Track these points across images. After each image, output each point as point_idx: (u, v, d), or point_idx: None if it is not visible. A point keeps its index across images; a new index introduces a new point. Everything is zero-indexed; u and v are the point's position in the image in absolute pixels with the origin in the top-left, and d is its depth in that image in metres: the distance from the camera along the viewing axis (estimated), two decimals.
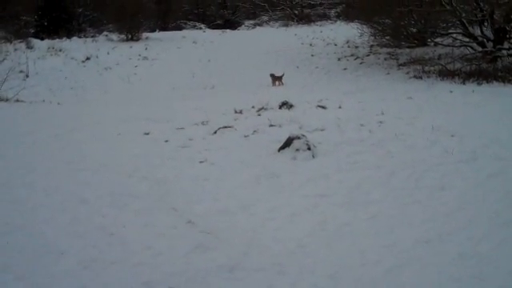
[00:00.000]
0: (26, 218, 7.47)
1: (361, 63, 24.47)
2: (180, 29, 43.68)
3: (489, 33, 20.73)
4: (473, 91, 15.43)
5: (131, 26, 34.49)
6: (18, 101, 18.64)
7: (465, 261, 6.21)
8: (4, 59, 23.99)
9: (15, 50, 29.40)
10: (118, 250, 6.58)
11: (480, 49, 20.87)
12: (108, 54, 29.59)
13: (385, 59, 24.36)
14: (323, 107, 13.76)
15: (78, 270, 6.08)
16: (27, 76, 24.54)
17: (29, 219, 7.42)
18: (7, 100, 18.51)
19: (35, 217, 7.50)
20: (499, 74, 17.99)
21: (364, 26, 26.47)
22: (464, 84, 16.98)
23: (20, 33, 36.89)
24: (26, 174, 9.31)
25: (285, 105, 13.96)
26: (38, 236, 6.92)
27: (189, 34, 37.27)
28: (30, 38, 33.44)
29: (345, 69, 23.77)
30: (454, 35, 22.36)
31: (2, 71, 20.33)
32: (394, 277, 5.99)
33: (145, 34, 35.65)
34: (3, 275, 5.93)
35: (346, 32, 30.55)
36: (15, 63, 24.25)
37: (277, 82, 21.21)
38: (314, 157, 10.04)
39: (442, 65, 19.89)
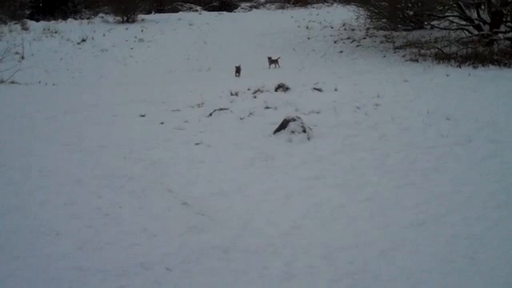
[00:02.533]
0: (23, 199, 7.48)
1: (357, 46, 24.43)
2: (176, 11, 43.46)
3: (485, 16, 20.71)
4: (469, 74, 15.44)
5: (127, 8, 34.32)
6: (13, 82, 18.60)
7: (458, 242, 6.26)
8: None
9: (10, 31, 29.29)
10: (113, 231, 6.61)
11: (476, 32, 20.86)
12: (104, 35, 29.49)
13: (381, 42, 24.32)
14: (319, 90, 13.75)
15: (74, 251, 6.11)
16: (23, 57, 24.47)
17: (25, 201, 7.43)
18: (3, 81, 18.47)
19: (31, 198, 7.52)
20: (495, 57, 17.98)
21: (360, 9, 26.43)
22: (460, 67, 16.98)
23: (15, 14, 36.69)
24: (22, 156, 9.30)
25: (281, 87, 13.95)
26: (33, 217, 6.94)
27: (185, 16, 37.10)
28: (25, 20, 33.28)
29: (341, 52, 23.73)
30: (451, 18, 22.33)
31: None
32: (388, 258, 6.04)
33: (141, 16, 35.49)
34: None
35: (342, 15, 30.44)
36: (11, 45, 24.18)
37: (273, 65, 21.20)
38: (309, 139, 10.07)
39: (438, 48, 19.87)
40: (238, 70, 19.63)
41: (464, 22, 21.52)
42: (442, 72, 16.17)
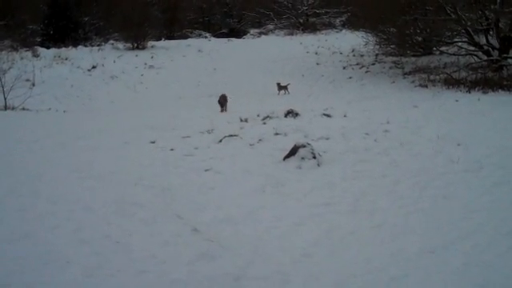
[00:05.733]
0: (32, 225, 7.47)
1: (366, 72, 24.50)
2: (185, 37, 43.80)
3: (494, 41, 20.76)
4: (478, 100, 15.44)
5: (137, 35, 34.62)
6: (24, 109, 18.74)
7: (469, 269, 6.20)
8: (10, 68, 24.01)
9: (21, 58, 29.47)
10: (123, 258, 6.57)
11: (485, 57, 20.88)
12: (114, 62, 29.68)
13: (390, 68, 24.38)
14: (328, 116, 13.78)
15: (83, 278, 6.07)
16: (33, 84, 24.62)
17: (35, 227, 7.42)
18: (14, 108, 18.61)
19: (41, 225, 7.50)
20: (505, 82, 18.01)
21: (369, 35, 26.54)
22: (469, 93, 16.99)
23: (26, 41, 37.07)
24: (32, 182, 9.32)
25: (290, 113, 13.99)
26: (43, 244, 6.92)
27: (194, 43, 37.35)
28: (36, 47, 33.60)
29: (350, 77, 23.80)
30: (460, 44, 22.39)
31: (8, 80, 20.39)
32: (399, 285, 5.98)
33: (150, 43, 35.77)
34: (9, 283, 5.94)
35: (351, 41, 30.57)
36: (21, 72, 24.27)
37: (282, 91, 21.27)
38: (319, 165, 10.05)
39: (447, 73, 19.91)
40: (222, 102, 17.41)
41: (473, 48, 21.58)
42: (452, 97, 16.19)
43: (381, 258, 6.63)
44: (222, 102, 17.34)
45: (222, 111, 17.17)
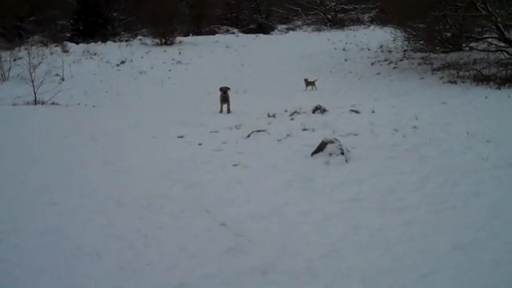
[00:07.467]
0: (64, 219, 7.60)
1: (394, 68, 24.38)
2: (213, 33, 43.97)
3: None
4: (508, 96, 15.28)
5: (165, 31, 34.85)
6: (54, 104, 19.00)
7: (500, 267, 6.13)
8: (40, 63, 24.36)
9: (51, 53, 29.84)
10: (153, 252, 6.65)
11: None
12: (142, 58, 29.89)
13: (419, 64, 24.22)
14: (356, 112, 13.74)
15: (115, 271, 6.15)
16: (63, 79, 24.92)
17: (66, 221, 7.55)
18: (44, 103, 18.87)
19: (73, 218, 7.64)
20: None
21: (398, 31, 26.40)
22: (499, 89, 16.81)
23: (56, 37, 37.47)
24: (64, 176, 9.47)
25: (318, 109, 13.99)
26: (75, 237, 7.03)
27: (222, 39, 37.48)
28: (65, 42, 34.01)
29: (378, 73, 23.69)
30: (490, 40, 22.15)
31: (38, 75, 20.67)
32: (428, 283, 5.94)
33: (178, 39, 35.98)
34: (41, 275, 6.04)
35: (379, 37, 30.46)
36: (51, 67, 24.61)
37: (310, 87, 21.26)
38: (347, 161, 10.02)
39: (477, 70, 19.73)
40: (224, 96, 15.91)
41: (503, 44, 21.34)
42: (481, 94, 16.04)
43: (409, 255, 6.59)
44: (225, 94, 15.94)
45: (222, 110, 15.91)
